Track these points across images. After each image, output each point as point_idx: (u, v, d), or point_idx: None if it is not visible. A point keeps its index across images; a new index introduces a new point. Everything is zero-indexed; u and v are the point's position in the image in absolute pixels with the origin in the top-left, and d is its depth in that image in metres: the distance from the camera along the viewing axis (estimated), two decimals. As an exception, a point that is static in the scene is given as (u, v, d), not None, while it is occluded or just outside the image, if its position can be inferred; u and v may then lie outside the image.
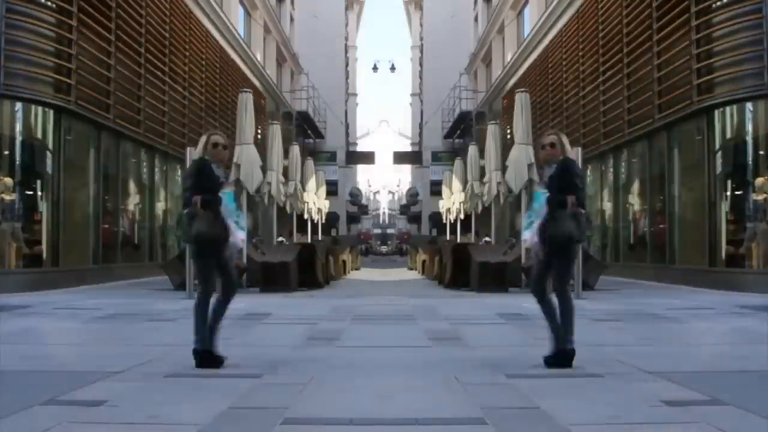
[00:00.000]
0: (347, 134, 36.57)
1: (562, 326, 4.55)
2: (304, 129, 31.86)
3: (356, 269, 22.25)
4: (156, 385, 4.04)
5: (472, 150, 18.49)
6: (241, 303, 9.40)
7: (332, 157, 34.08)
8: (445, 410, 3.50)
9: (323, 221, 23.53)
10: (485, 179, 15.75)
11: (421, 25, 39.23)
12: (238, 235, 4.65)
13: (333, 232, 30.39)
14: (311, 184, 20.72)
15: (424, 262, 19.25)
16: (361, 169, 48.36)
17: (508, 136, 17.78)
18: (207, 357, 4.49)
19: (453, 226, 20.83)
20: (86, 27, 12.78)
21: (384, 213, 53.81)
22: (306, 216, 20.39)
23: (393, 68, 42.74)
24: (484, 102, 29.99)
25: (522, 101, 12.58)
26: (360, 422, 3.28)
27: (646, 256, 14.87)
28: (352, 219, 42.51)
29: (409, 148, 44.07)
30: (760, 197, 11.02)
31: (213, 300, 4.61)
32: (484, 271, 12.10)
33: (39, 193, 12.16)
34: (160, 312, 8.21)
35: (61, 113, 12.17)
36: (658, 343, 5.87)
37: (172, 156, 16.78)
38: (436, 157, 34.30)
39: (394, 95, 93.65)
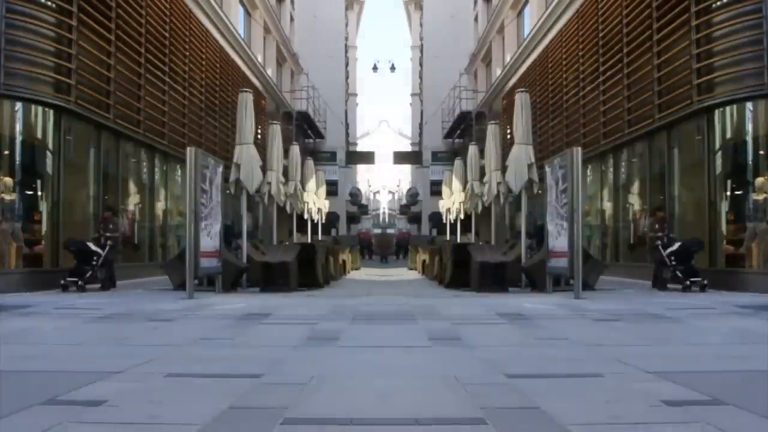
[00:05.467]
0: (347, 134, 36.56)
1: None
2: (304, 129, 31.86)
3: (356, 269, 22.26)
4: (156, 385, 4.04)
5: (472, 150, 18.50)
6: (241, 303, 9.41)
7: (332, 157, 34.09)
8: (445, 410, 3.50)
9: (323, 221, 23.55)
10: (485, 179, 15.76)
11: (421, 25, 39.20)
12: None
13: (333, 232, 30.40)
14: (311, 184, 20.74)
15: (424, 262, 19.27)
16: (361, 169, 48.38)
17: (508, 136, 17.80)
18: None
19: (453, 226, 20.85)
20: (86, 27, 12.79)
21: (384, 213, 53.75)
22: (306, 216, 20.40)
23: (393, 68, 42.76)
24: (484, 102, 29.99)
25: (522, 101, 12.59)
26: (360, 422, 3.28)
27: (646, 256, 14.87)
28: (352, 219, 42.51)
29: (409, 148, 44.08)
30: (760, 197, 11.02)
31: None
32: (484, 271, 12.10)
33: (39, 193, 12.16)
34: (160, 312, 8.20)
35: (61, 113, 12.18)
36: (658, 343, 5.87)
37: (172, 156, 16.78)
38: (436, 157, 34.31)
39: (394, 95, 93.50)
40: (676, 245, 11.61)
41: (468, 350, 5.47)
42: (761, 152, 11.52)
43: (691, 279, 11.16)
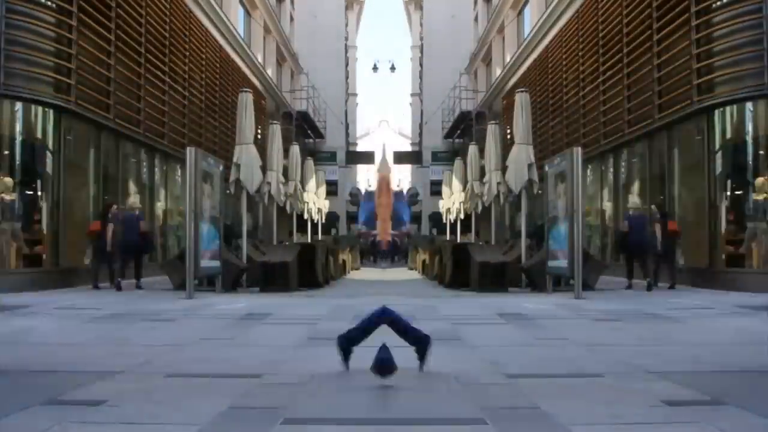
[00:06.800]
0: (347, 134, 36.54)
1: None
2: (304, 129, 31.85)
3: (356, 269, 22.25)
4: (156, 385, 4.04)
5: (472, 150, 18.50)
6: (241, 303, 9.41)
7: (332, 157, 34.07)
8: (445, 410, 3.50)
9: (323, 221, 23.54)
10: (485, 179, 15.76)
11: (421, 25, 39.18)
12: None
13: (333, 232, 30.38)
14: (311, 184, 20.74)
15: (424, 262, 19.26)
16: (361, 169, 48.32)
17: (508, 136, 17.79)
18: None
19: (453, 226, 20.85)
20: (86, 27, 12.79)
21: (384, 213, 53.70)
22: (306, 216, 20.39)
23: (393, 68, 42.70)
24: (484, 102, 29.99)
25: (522, 101, 12.59)
26: (360, 422, 3.28)
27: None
28: (352, 219, 42.48)
29: (409, 148, 44.02)
30: (760, 197, 11.01)
31: None
32: (484, 271, 12.10)
33: (39, 193, 12.16)
34: (160, 312, 8.21)
35: (61, 113, 12.18)
36: (659, 343, 5.87)
37: (172, 156, 16.78)
38: (436, 157, 34.30)
39: (394, 95, 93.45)
40: None
41: (468, 350, 5.47)
42: (761, 152, 11.52)
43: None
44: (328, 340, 5.96)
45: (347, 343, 4.38)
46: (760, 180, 11.12)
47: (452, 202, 20.87)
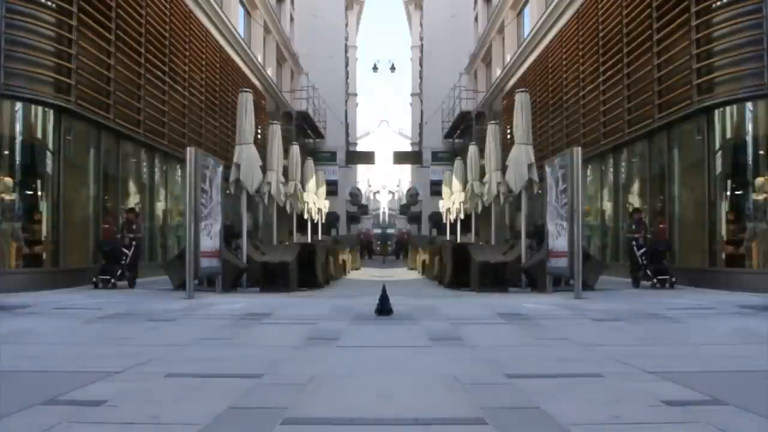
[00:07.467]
0: (347, 134, 36.52)
1: None
2: (304, 129, 31.85)
3: (356, 269, 22.25)
4: (156, 385, 4.04)
5: (472, 150, 18.48)
6: (241, 303, 9.41)
7: (332, 157, 34.06)
8: (445, 410, 3.50)
9: (323, 221, 23.53)
10: (485, 179, 15.74)
11: (421, 25, 39.19)
12: None
13: (333, 232, 30.39)
14: (311, 184, 20.73)
15: (424, 262, 19.25)
16: (361, 169, 48.35)
17: (508, 136, 17.78)
18: None
19: (453, 226, 20.83)
20: (86, 27, 12.78)
21: (384, 213, 53.65)
22: (306, 216, 20.38)
23: (393, 68, 42.67)
24: (484, 102, 29.99)
25: (522, 101, 12.59)
26: (360, 422, 3.28)
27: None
28: (352, 219, 42.49)
29: (409, 148, 44.04)
30: (760, 197, 11.02)
31: None
32: (484, 271, 12.10)
33: (39, 193, 12.15)
34: (160, 312, 8.21)
35: (61, 113, 12.17)
36: (658, 343, 5.87)
37: (172, 156, 16.78)
38: (436, 157, 34.30)
39: (394, 95, 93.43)
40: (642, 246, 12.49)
41: (468, 350, 5.47)
42: (761, 152, 11.52)
43: (659, 277, 12.04)
44: (328, 340, 5.98)
45: None
46: (760, 180, 11.12)
47: (452, 202, 20.85)
